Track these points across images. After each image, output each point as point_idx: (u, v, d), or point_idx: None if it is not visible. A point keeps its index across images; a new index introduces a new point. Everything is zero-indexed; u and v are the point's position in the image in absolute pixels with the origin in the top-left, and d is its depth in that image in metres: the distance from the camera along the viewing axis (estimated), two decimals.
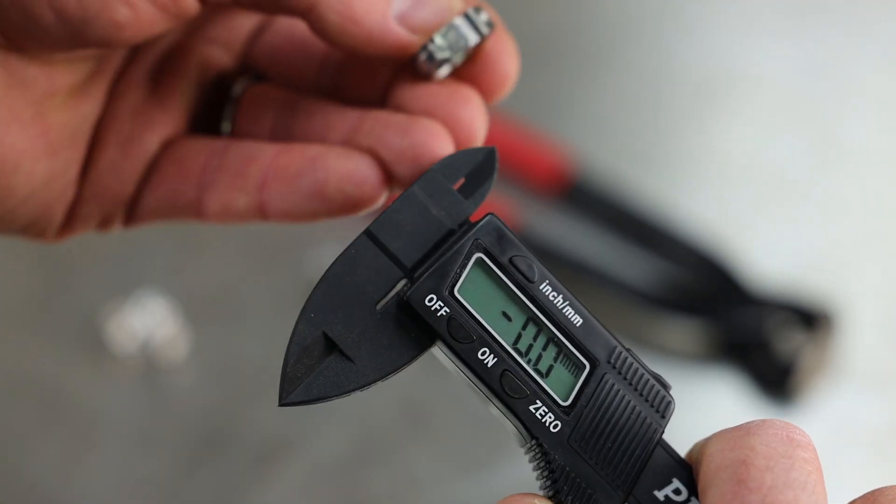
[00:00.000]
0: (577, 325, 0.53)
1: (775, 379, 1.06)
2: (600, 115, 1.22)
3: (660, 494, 0.52)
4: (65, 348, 1.05)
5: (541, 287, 0.53)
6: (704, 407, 1.06)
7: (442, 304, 0.52)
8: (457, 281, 0.52)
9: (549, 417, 0.52)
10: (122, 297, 1.07)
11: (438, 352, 0.52)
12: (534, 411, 0.52)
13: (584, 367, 0.53)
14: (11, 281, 1.09)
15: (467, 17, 0.56)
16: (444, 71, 0.57)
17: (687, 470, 0.52)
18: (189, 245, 1.12)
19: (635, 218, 1.15)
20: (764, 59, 1.25)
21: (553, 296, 0.53)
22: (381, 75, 0.59)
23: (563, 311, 0.53)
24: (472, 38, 0.56)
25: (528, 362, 0.52)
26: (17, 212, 0.57)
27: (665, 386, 0.53)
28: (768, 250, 1.14)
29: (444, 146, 0.56)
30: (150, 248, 1.11)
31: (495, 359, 0.52)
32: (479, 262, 0.53)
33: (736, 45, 1.26)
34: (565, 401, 0.52)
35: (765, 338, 1.07)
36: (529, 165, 1.17)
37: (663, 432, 0.53)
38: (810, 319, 1.08)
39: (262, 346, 1.06)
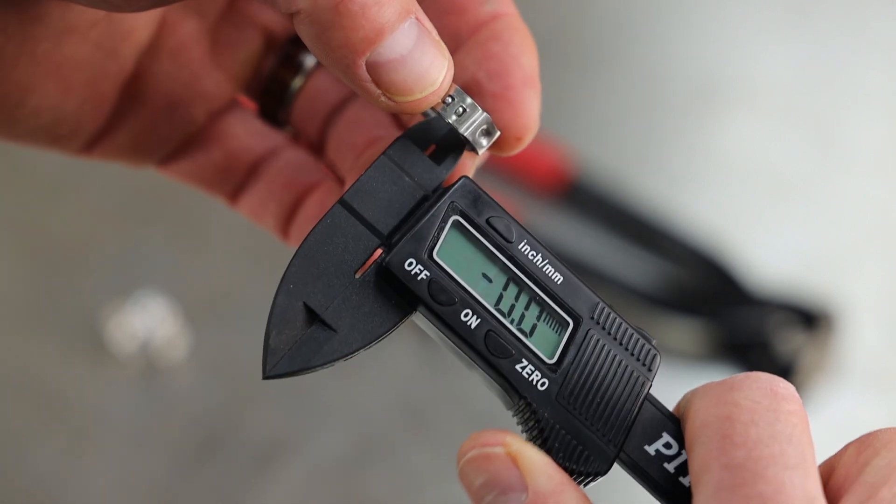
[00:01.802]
0: (558, 282, 0.53)
1: None
2: (600, 115, 1.22)
3: (650, 449, 0.52)
4: (65, 348, 1.05)
5: (519, 246, 0.53)
6: None
7: (422, 268, 0.51)
8: (435, 244, 0.52)
9: (536, 376, 0.51)
10: (122, 297, 1.07)
11: (421, 318, 0.52)
12: (520, 370, 0.51)
13: (568, 324, 0.52)
14: (11, 281, 1.09)
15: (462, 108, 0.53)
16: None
17: (675, 423, 0.52)
18: (189, 245, 1.12)
19: (635, 218, 1.15)
20: (764, 59, 1.25)
21: (532, 255, 0.53)
22: None
23: (543, 269, 0.53)
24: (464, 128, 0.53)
25: (512, 322, 0.52)
26: (24, 139, 0.58)
27: (648, 339, 0.53)
28: (768, 250, 1.14)
29: None
30: (150, 248, 1.11)
31: (479, 320, 0.51)
32: (457, 224, 0.52)
33: (736, 45, 1.26)
34: (551, 358, 0.52)
35: (765, 338, 1.07)
36: (529, 165, 1.17)
37: (651, 386, 0.52)
38: (810, 319, 1.08)
39: (261, 347, 1.06)
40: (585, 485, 0.51)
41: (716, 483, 0.46)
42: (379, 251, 0.52)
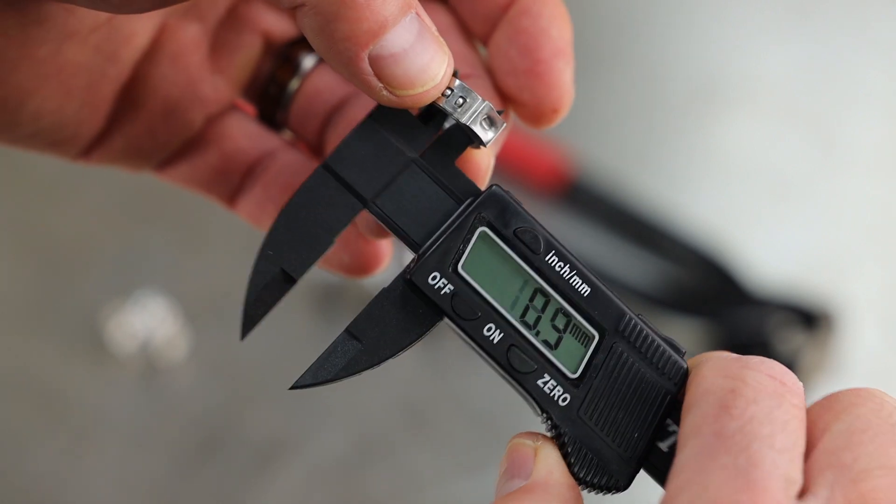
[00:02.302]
0: (585, 294, 0.52)
1: None
2: (600, 115, 1.22)
3: None
4: (65, 348, 1.05)
5: (546, 258, 0.52)
6: None
7: (446, 282, 0.51)
8: (460, 257, 0.51)
9: (558, 391, 0.51)
10: (122, 297, 1.07)
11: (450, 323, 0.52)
12: (542, 385, 0.51)
13: (594, 337, 0.52)
14: (11, 281, 1.09)
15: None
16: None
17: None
18: (189, 245, 1.12)
19: (635, 218, 1.15)
20: (764, 59, 1.25)
21: (560, 266, 0.52)
22: None
23: (570, 281, 0.52)
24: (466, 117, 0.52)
25: (536, 335, 0.51)
26: (24, 143, 0.57)
27: (679, 351, 0.52)
28: (768, 250, 1.14)
29: None
30: (150, 248, 1.11)
31: (501, 334, 0.51)
32: (483, 236, 0.52)
33: (736, 45, 1.26)
34: (574, 373, 0.51)
35: (765, 338, 1.07)
36: (529, 165, 1.17)
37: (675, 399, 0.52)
38: (810, 319, 1.08)
39: (261, 347, 1.06)
40: (604, 494, 0.52)
41: (700, 447, 0.46)
42: (362, 213, 0.52)
